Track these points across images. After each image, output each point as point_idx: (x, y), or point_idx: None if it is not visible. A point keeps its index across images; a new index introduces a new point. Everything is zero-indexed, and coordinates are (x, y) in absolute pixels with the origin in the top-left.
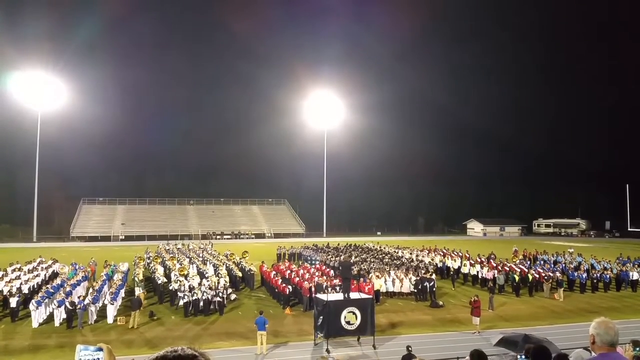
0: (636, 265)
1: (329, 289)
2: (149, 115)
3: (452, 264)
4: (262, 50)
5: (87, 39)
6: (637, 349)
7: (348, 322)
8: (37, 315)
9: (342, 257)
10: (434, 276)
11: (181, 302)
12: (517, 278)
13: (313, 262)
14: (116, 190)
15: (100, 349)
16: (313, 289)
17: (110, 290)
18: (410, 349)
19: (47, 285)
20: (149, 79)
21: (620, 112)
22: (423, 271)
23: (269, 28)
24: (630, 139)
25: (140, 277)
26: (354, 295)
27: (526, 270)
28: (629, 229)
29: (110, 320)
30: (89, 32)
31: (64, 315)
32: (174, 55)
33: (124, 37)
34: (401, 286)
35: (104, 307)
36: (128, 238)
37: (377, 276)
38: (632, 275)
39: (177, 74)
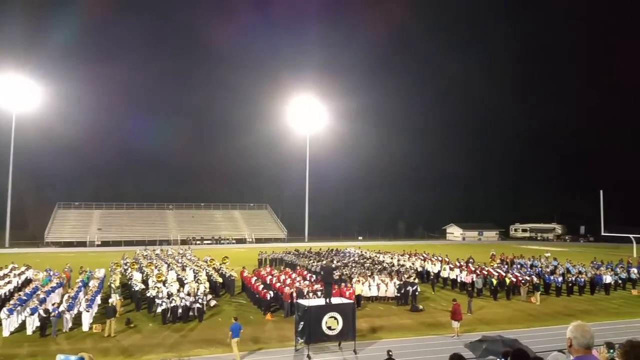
0: (609, 269)
1: (310, 294)
2: (127, 118)
3: (432, 268)
4: (244, 55)
5: (62, 40)
6: (612, 351)
7: (329, 328)
8: (9, 323)
9: (323, 262)
10: (416, 280)
11: (159, 309)
12: (494, 282)
13: (299, 265)
14: (93, 194)
15: (82, 359)
16: (294, 294)
17: (86, 297)
18: (390, 353)
19: (20, 293)
20: (128, 82)
21: (597, 118)
22: (406, 276)
23: (251, 33)
24: (606, 145)
25: (117, 283)
26: (335, 300)
27: (503, 274)
28: (602, 234)
29: (85, 328)
30: (64, 32)
31: (37, 323)
32: (154, 57)
33: (101, 38)
34: (386, 290)
35: (79, 314)
36: (105, 243)
37: (359, 281)
38: (606, 279)
39: (158, 76)
